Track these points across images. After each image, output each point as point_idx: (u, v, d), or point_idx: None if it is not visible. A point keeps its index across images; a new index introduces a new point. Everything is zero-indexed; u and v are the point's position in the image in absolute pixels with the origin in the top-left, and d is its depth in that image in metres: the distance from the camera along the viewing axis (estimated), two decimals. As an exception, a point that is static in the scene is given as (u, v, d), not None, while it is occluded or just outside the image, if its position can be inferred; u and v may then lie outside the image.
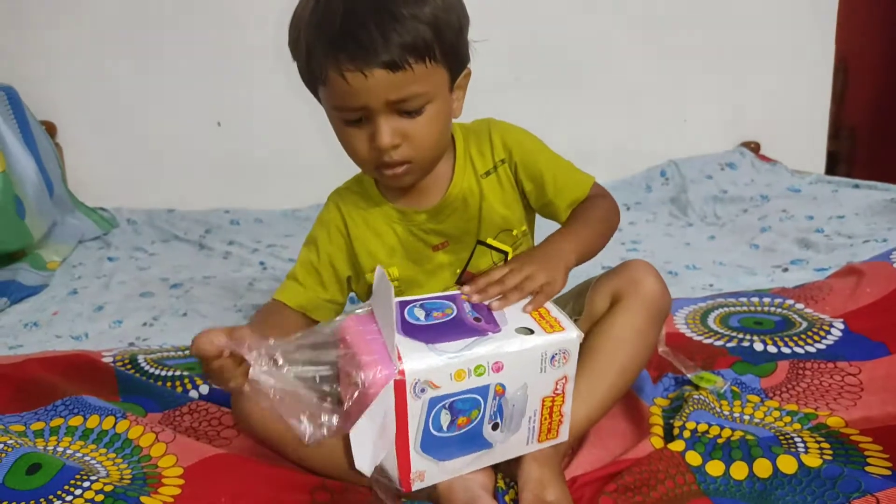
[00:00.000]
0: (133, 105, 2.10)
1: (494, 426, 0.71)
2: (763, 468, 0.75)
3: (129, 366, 1.04)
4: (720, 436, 0.79)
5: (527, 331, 0.70)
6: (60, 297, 1.56)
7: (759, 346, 1.04)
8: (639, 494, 0.74)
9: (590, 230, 0.88)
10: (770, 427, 0.85)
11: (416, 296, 0.76)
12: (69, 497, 0.71)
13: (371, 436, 0.67)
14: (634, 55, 2.21)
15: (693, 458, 0.77)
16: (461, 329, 0.69)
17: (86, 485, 0.72)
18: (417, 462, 0.69)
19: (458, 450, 0.71)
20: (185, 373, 1.02)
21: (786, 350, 1.02)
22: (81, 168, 2.10)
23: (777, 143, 2.29)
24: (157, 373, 1.03)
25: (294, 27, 0.82)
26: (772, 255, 1.64)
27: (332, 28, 0.76)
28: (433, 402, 0.67)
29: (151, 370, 1.04)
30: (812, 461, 0.74)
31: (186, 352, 1.13)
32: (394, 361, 0.65)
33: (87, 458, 0.81)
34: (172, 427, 0.89)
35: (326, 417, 0.65)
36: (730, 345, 1.05)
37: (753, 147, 2.30)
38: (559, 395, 0.72)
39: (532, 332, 0.70)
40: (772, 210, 1.93)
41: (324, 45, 0.76)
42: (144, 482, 0.75)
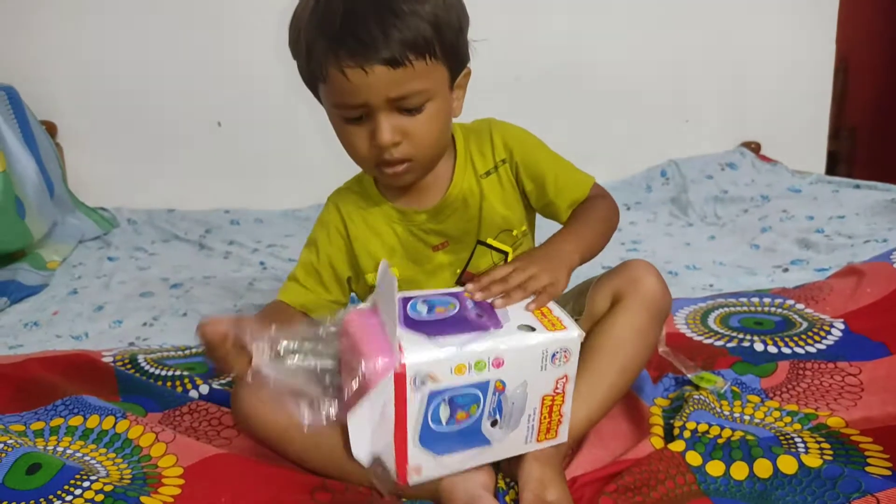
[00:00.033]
0: (133, 105, 2.09)
1: (493, 423, 0.71)
2: (763, 468, 0.75)
3: (129, 366, 1.04)
4: (720, 436, 0.79)
5: (528, 328, 0.70)
6: (60, 297, 1.56)
7: (760, 347, 1.04)
8: (639, 495, 0.74)
9: (591, 231, 0.88)
10: (770, 427, 0.85)
11: (420, 290, 0.76)
12: (69, 497, 0.71)
13: (369, 425, 0.67)
14: (635, 55, 2.21)
15: (693, 459, 0.77)
16: (463, 324, 0.70)
17: (86, 485, 0.72)
18: (415, 455, 0.69)
19: (457, 445, 0.71)
20: (185, 373, 1.02)
21: (786, 350, 1.02)
22: (81, 168, 2.10)
23: (777, 143, 2.29)
24: (157, 373, 1.03)
25: (294, 26, 0.82)
26: (772, 256, 1.64)
27: (333, 26, 0.76)
28: (433, 396, 0.67)
29: (151, 370, 1.04)
30: (812, 461, 0.74)
31: (186, 352, 1.13)
32: (395, 353, 0.65)
33: (87, 458, 0.81)
34: (172, 427, 0.89)
35: (326, 406, 0.66)
36: (730, 345, 1.05)
37: (754, 147, 2.30)
38: (559, 395, 0.72)
39: (534, 330, 0.70)
40: (772, 210, 1.92)
41: (324, 43, 0.76)
42: (144, 482, 0.75)
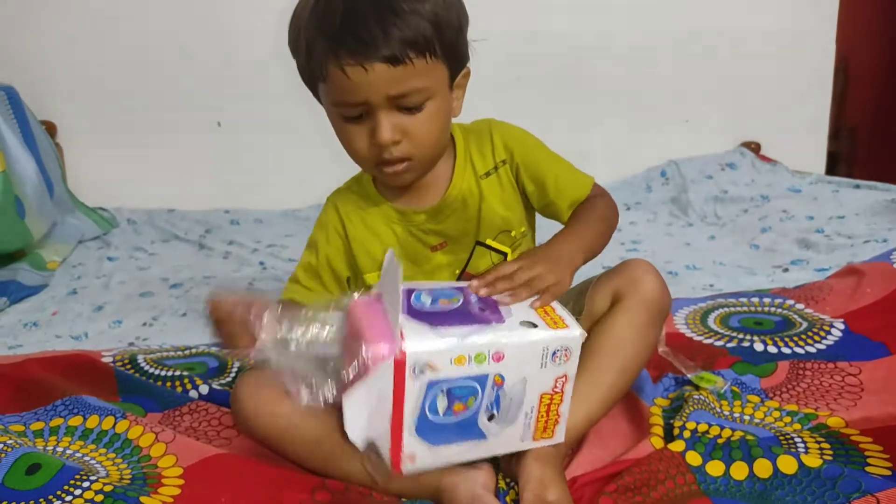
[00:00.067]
0: (133, 105, 2.09)
1: (490, 417, 0.71)
2: (763, 468, 0.75)
3: (129, 366, 1.04)
4: (720, 436, 0.79)
5: (530, 325, 0.70)
6: (60, 297, 1.56)
7: (760, 347, 1.03)
8: (639, 495, 0.74)
9: (593, 231, 0.88)
10: (770, 427, 0.85)
11: (425, 282, 0.76)
12: (69, 497, 0.71)
13: (366, 408, 0.68)
14: (635, 55, 2.21)
15: (693, 459, 0.77)
16: (466, 317, 0.70)
17: (85, 485, 0.72)
18: (410, 443, 0.69)
19: (452, 436, 0.71)
20: (185, 373, 1.02)
21: (786, 350, 1.02)
22: (81, 168, 2.10)
23: (777, 144, 2.29)
24: (157, 373, 1.03)
25: (294, 26, 0.82)
26: (772, 256, 1.64)
27: (333, 24, 0.76)
28: (431, 386, 0.67)
29: (151, 370, 1.04)
30: (812, 461, 0.74)
31: (186, 352, 1.13)
32: (396, 341, 0.65)
33: (87, 458, 0.81)
34: (172, 427, 0.89)
35: (326, 388, 0.67)
36: (730, 345, 1.05)
37: (754, 147, 2.30)
38: (558, 394, 0.72)
39: (536, 327, 0.70)
40: (772, 210, 1.92)
41: (324, 42, 0.77)
42: (144, 482, 0.75)
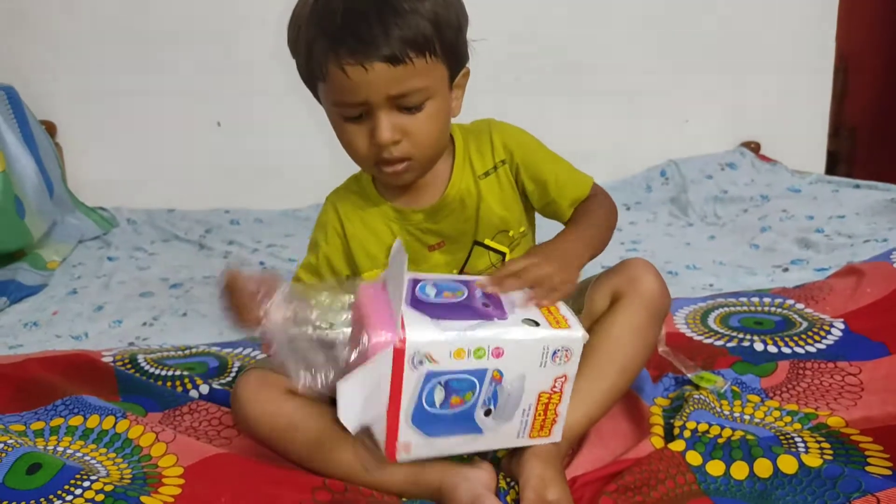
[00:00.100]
0: (133, 105, 2.09)
1: (487, 412, 0.71)
2: (763, 468, 0.75)
3: (129, 365, 1.04)
4: (720, 436, 0.79)
5: (533, 323, 0.70)
6: (60, 297, 1.56)
7: (760, 346, 1.03)
8: (639, 494, 0.74)
9: (596, 230, 0.88)
10: (770, 427, 0.85)
11: (431, 274, 0.76)
12: (69, 497, 0.71)
13: (361, 393, 0.67)
14: (634, 55, 2.21)
15: (693, 458, 0.77)
16: (468, 311, 0.70)
17: (86, 484, 0.72)
18: (406, 433, 0.69)
19: (448, 429, 0.71)
20: (185, 373, 1.02)
21: (786, 350, 1.02)
22: (81, 168, 2.10)
23: (777, 143, 2.29)
24: (157, 372, 1.03)
25: (294, 25, 0.82)
26: (772, 255, 1.64)
27: (333, 24, 0.76)
28: (429, 377, 0.67)
29: (151, 370, 1.04)
30: (812, 461, 0.74)
31: (186, 352, 1.13)
32: (397, 329, 0.65)
33: (87, 458, 0.81)
34: (172, 427, 0.89)
35: (325, 372, 0.67)
36: (730, 345, 1.05)
37: (754, 147, 2.30)
38: (556, 394, 0.72)
39: (538, 325, 0.70)
40: (772, 210, 1.92)
41: (324, 41, 0.77)
42: (144, 482, 0.75)
